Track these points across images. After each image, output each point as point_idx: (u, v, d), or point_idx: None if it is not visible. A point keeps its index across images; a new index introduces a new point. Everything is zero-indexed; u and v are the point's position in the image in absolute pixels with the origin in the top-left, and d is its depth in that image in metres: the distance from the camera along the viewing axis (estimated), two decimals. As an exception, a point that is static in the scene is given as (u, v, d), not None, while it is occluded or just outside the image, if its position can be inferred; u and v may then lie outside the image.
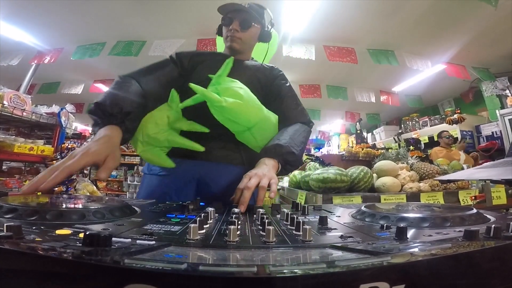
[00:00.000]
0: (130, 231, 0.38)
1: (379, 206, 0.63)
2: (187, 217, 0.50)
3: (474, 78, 4.48)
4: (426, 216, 0.45)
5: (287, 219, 0.47)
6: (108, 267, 0.20)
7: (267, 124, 0.97)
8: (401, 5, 3.10)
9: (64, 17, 3.45)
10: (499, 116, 4.04)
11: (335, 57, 3.74)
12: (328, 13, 3.24)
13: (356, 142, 5.37)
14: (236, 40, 1.07)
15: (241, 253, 0.30)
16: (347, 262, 0.23)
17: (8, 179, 2.33)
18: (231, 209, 0.59)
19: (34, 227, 0.34)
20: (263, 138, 0.95)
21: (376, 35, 3.69)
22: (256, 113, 0.92)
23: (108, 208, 0.47)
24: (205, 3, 3.12)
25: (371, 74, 4.79)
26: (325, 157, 3.04)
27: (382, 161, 1.94)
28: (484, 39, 3.66)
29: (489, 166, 1.28)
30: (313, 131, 6.83)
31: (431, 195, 1.68)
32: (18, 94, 2.40)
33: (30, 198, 0.54)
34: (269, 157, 0.86)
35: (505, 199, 1.51)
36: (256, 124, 0.92)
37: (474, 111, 5.13)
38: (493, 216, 0.51)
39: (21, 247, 0.23)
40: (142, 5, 3.19)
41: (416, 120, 5.80)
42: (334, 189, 1.62)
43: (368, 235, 0.39)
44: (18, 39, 3.80)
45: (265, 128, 0.96)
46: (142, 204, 0.67)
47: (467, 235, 0.32)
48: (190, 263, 0.22)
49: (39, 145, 2.52)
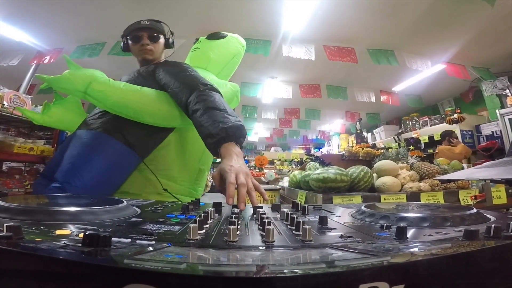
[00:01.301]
0: (130, 231, 0.38)
1: (379, 206, 0.63)
2: (187, 217, 0.50)
3: (474, 77, 4.48)
4: (426, 216, 0.45)
5: (287, 219, 0.47)
6: (108, 267, 0.20)
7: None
8: (401, 5, 3.10)
9: (64, 17, 3.45)
10: (499, 116, 4.04)
11: (335, 57, 3.74)
12: (328, 13, 3.24)
13: (356, 142, 5.38)
14: (148, 52, 1.23)
15: (241, 253, 0.30)
16: (347, 262, 0.23)
17: (8, 179, 2.33)
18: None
19: (34, 227, 0.35)
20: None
21: (376, 35, 3.69)
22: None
23: (108, 208, 0.47)
24: (205, 3, 3.12)
25: (371, 74, 4.78)
26: (325, 157, 3.04)
27: (382, 161, 1.94)
28: (484, 39, 3.65)
29: (489, 166, 1.28)
30: (313, 131, 6.78)
31: (431, 194, 1.68)
32: (18, 94, 2.40)
33: (30, 199, 0.54)
34: (226, 142, 0.82)
35: (505, 198, 1.51)
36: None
37: (474, 110, 5.13)
38: (493, 216, 0.51)
39: (21, 247, 0.23)
40: (142, 5, 3.20)
41: (416, 120, 5.79)
42: (334, 189, 1.63)
43: (368, 235, 0.39)
44: (18, 39, 3.79)
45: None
46: (142, 204, 0.67)
47: (467, 234, 0.32)
48: (190, 263, 0.22)
49: (39, 145, 2.52)
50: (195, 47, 1.41)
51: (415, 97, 5.64)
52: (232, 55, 1.40)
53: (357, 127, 5.39)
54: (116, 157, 1.00)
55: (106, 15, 3.39)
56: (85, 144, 1.01)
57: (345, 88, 5.17)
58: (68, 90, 1.06)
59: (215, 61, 1.34)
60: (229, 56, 1.39)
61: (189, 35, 3.79)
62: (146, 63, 1.25)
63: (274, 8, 3.19)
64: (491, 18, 3.18)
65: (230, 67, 1.42)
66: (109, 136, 1.01)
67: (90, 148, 1.00)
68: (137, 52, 1.25)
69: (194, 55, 1.37)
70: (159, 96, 1.06)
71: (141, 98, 1.03)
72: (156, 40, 1.25)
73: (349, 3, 3.09)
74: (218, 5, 3.18)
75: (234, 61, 1.42)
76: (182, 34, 3.76)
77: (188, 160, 1.15)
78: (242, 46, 1.46)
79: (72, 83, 1.04)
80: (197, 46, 1.40)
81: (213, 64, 1.33)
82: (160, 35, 1.27)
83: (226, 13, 3.33)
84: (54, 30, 3.71)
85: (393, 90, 5.50)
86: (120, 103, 1.02)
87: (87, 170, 0.95)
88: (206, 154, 1.19)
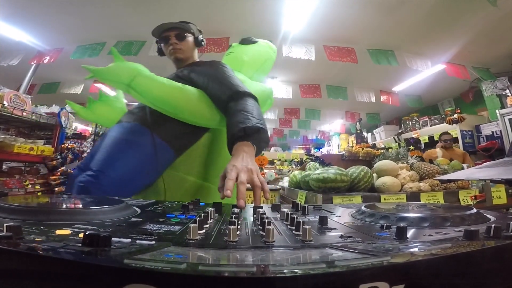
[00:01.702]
0: (130, 231, 0.38)
1: (379, 206, 0.63)
2: (187, 217, 0.50)
3: (474, 78, 4.48)
4: (426, 216, 0.45)
5: (287, 219, 0.47)
6: (108, 267, 0.20)
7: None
8: (401, 5, 3.10)
9: (64, 17, 3.45)
10: (499, 116, 4.04)
11: (335, 57, 3.74)
12: (328, 13, 3.24)
13: (356, 142, 5.38)
14: (177, 51, 1.24)
15: (241, 253, 0.30)
16: (347, 262, 0.23)
17: (8, 179, 2.33)
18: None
19: (34, 227, 0.34)
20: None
21: (376, 35, 3.69)
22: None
23: (108, 208, 0.47)
24: (205, 3, 3.13)
25: (371, 74, 4.78)
26: (325, 157, 3.05)
27: (382, 161, 1.94)
28: (484, 39, 3.65)
29: (489, 166, 1.28)
30: (313, 131, 6.78)
31: (431, 195, 1.68)
32: (18, 94, 2.40)
33: (30, 199, 0.54)
34: (242, 141, 0.82)
35: (505, 198, 1.51)
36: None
37: (474, 111, 5.12)
38: (493, 216, 0.51)
39: (21, 247, 0.23)
40: (142, 5, 3.20)
41: (416, 120, 5.79)
42: (334, 189, 1.63)
43: (368, 235, 0.39)
44: (18, 39, 3.80)
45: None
46: (142, 204, 0.67)
47: (467, 235, 0.32)
48: (190, 263, 0.22)
49: (39, 145, 2.52)
50: (229, 52, 1.46)
51: (415, 97, 5.65)
52: (264, 59, 1.43)
53: (357, 127, 5.39)
54: (151, 150, 0.99)
55: (106, 15, 3.39)
56: (122, 134, 1.02)
57: (345, 88, 5.17)
58: (113, 82, 1.07)
59: (249, 64, 1.37)
60: (261, 60, 1.43)
61: (189, 35, 3.81)
62: (178, 62, 1.27)
63: (274, 8, 3.19)
64: (491, 18, 3.18)
65: (262, 71, 1.45)
66: (146, 128, 1.02)
67: (125, 139, 1.01)
68: (168, 52, 1.26)
69: (228, 59, 1.40)
70: (200, 95, 1.07)
71: (183, 95, 1.05)
72: (184, 38, 1.25)
73: (349, 3, 3.09)
74: (218, 5, 3.18)
75: (266, 66, 1.45)
76: (182, 34, 3.78)
77: (221, 162, 1.12)
78: (273, 51, 1.50)
79: (118, 75, 1.05)
80: (231, 51, 1.45)
81: (247, 67, 1.36)
82: (187, 33, 1.27)
83: (226, 13, 3.34)
84: (54, 30, 3.71)
85: (393, 90, 5.50)
86: (162, 98, 1.03)
87: (122, 161, 0.95)
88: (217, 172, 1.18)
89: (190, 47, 1.29)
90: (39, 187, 2.50)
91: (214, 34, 3.63)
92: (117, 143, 1.00)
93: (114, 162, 0.95)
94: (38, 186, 2.49)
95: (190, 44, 1.29)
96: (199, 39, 1.33)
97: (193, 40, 1.30)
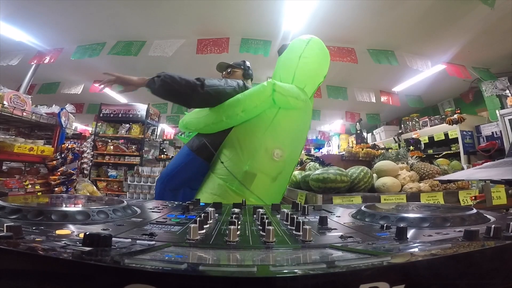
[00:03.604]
0: (130, 231, 0.38)
1: (379, 206, 0.63)
2: (187, 217, 0.50)
3: (474, 78, 4.48)
4: (426, 216, 0.45)
5: (287, 219, 0.47)
6: (108, 267, 0.20)
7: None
8: (401, 5, 3.10)
9: (64, 17, 3.45)
10: (499, 116, 4.04)
11: (335, 57, 3.74)
12: (328, 13, 3.24)
13: (356, 142, 5.37)
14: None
15: (241, 253, 0.30)
16: (347, 262, 0.23)
17: (8, 179, 2.33)
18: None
19: (34, 227, 0.34)
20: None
21: (376, 35, 3.69)
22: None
23: (108, 208, 0.47)
24: (205, 3, 3.12)
25: (371, 74, 4.78)
26: (325, 157, 3.04)
27: (382, 161, 1.94)
28: (484, 39, 3.65)
29: (489, 166, 1.28)
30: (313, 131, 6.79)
31: (431, 195, 1.68)
32: (18, 94, 2.40)
33: (31, 199, 0.54)
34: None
35: (505, 199, 1.51)
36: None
37: (474, 111, 5.12)
38: (493, 216, 0.51)
39: (21, 247, 0.23)
40: (142, 5, 3.19)
41: (416, 120, 5.79)
42: (334, 189, 1.62)
43: (368, 235, 0.39)
44: (18, 39, 3.80)
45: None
46: (142, 204, 0.67)
47: (467, 235, 0.32)
48: (190, 263, 0.22)
49: (39, 145, 2.52)
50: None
51: (415, 98, 5.64)
52: (297, 57, 1.49)
53: (357, 128, 5.38)
54: (185, 160, 1.44)
55: (106, 15, 3.39)
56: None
57: (345, 88, 5.17)
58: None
59: (282, 74, 1.51)
60: (294, 59, 1.50)
61: (189, 35, 3.81)
62: None
63: (274, 8, 3.19)
64: (491, 18, 3.18)
65: (303, 68, 1.49)
66: (187, 148, 1.46)
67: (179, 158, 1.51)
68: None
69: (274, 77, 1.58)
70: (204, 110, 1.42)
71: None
72: (232, 74, 1.70)
73: (349, 3, 3.09)
74: (218, 5, 3.18)
75: (304, 62, 1.49)
76: (182, 34, 3.77)
77: (237, 162, 1.34)
78: (305, 43, 1.54)
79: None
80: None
81: (282, 74, 1.51)
82: (235, 69, 1.71)
83: (226, 13, 3.34)
84: (54, 30, 3.72)
85: (393, 91, 5.50)
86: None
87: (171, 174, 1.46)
88: (258, 158, 1.34)
89: (238, 78, 1.61)
90: (39, 187, 2.49)
91: (214, 34, 3.63)
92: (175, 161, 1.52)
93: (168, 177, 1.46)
94: (38, 186, 2.49)
95: (238, 76, 1.68)
96: (246, 72, 1.71)
97: (241, 74, 1.70)
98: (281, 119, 1.39)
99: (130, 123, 5.17)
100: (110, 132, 5.20)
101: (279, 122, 1.38)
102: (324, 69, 1.58)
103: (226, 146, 1.38)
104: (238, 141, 1.35)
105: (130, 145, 5.12)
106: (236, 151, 1.34)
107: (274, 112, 1.38)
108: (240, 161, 1.32)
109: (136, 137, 5.10)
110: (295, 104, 1.42)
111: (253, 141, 1.35)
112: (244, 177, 1.31)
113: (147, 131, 5.16)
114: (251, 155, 1.33)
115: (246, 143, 1.35)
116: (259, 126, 1.36)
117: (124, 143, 5.14)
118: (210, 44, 3.62)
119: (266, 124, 1.36)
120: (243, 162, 1.32)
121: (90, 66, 4.57)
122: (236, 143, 1.35)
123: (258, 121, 1.36)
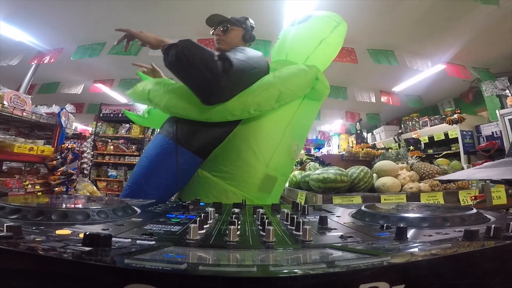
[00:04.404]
0: (130, 231, 0.38)
1: (379, 206, 0.63)
2: (187, 217, 0.50)
3: (474, 78, 4.47)
4: (426, 216, 0.45)
5: (287, 219, 0.47)
6: (108, 267, 0.20)
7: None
8: (401, 5, 3.10)
9: (64, 17, 3.45)
10: (499, 116, 4.04)
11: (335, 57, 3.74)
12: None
13: (356, 142, 5.37)
14: (220, 42, 1.30)
15: (241, 253, 0.30)
16: (347, 262, 0.23)
17: (8, 179, 2.33)
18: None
19: (34, 227, 0.34)
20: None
21: (376, 35, 3.69)
22: None
23: (108, 208, 0.47)
24: (205, 3, 3.12)
25: (371, 74, 4.78)
26: (325, 157, 3.04)
27: (382, 161, 1.94)
28: (484, 39, 3.65)
29: (489, 166, 1.28)
30: (313, 131, 6.79)
31: (431, 195, 1.68)
32: (18, 94, 2.39)
33: (31, 199, 0.54)
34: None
35: (505, 199, 1.51)
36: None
37: (474, 111, 5.12)
38: (493, 216, 0.51)
39: (21, 247, 0.23)
40: (142, 5, 3.19)
41: (416, 120, 5.79)
42: (334, 189, 1.62)
43: (368, 235, 0.39)
44: (18, 39, 3.79)
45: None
46: (142, 204, 0.67)
47: (467, 235, 0.32)
48: (190, 263, 0.22)
49: (39, 145, 2.52)
50: (278, 37, 1.35)
51: (415, 98, 5.64)
52: (319, 39, 1.24)
53: (357, 128, 5.38)
54: (166, 152, 1.05)
55: (106, 15, 3.39)
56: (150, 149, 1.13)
57: (345, 88, 5.17)
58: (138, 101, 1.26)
59: (294, 51, 1.25)
60: (314, 40, 1.24)
61: (189, 35, 3.80)
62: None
63: (274, 8, 3.19)
64: (491, 18, 3.18)
65: (319, 55, 1.27)
66: (161, 135, 1.12)
67: (148, 148, 1.14)
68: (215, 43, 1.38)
69: (274, 48, 1.33)
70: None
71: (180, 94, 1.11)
72: (228, 31, 1.31)
73: (349, 3, 3.09)
74: (218, 5, 3.18)
75: (323, 49, 1.26)
76: (182, 34, 3.77)
77: (253, 163, 1.06)
78: (332, 26, 1.30)
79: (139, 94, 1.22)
80: (279, 36, 1.34)
81: (293, 50, 1.26)
82: (234, 27, 1.32)
83: (226, 13, 3.32)
84: (54, 30, 3.71)
85: (393, 91, 5.50)
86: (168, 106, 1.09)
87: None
88: (279, 158, 1.10)
89: (235, 40, 1.28)
90: (39, 187, 2.49)
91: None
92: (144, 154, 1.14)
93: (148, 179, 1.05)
94: (38, 186, 2.48)
95: (236, 37, 1.28)
96: (248, 34, 1.32)
97: (241, 34, 1.30)
98: (303, 110, 1.17)
99: (130, 123, 5.17)
100: (110, 132, 5.20)
101: (302, 114, 1.16)
102: (330, 61, 1.40)
103: (234, 144, 1.05)
104: (255, 138, 1.05)
105: (130, 145, 5.12)
106: (252, 150, 1.04)
107: (298, 103, 1.13)
108: (257, 163, 1.05)
109: (136, 137, 5.10)
110: (326, 94, 1.22)
111: (274, 137, 1.08)
112: (264, 182, 1.06)
113: (147, 131, 5.16)
114: (271, 154, 1.07)
115: (266, 140, 1.07)
116: (282, 119, 1.09)
117: (124, 143, 5.14)
118: (210, 44, 3.62)
119: (289, 117, 1.11)
120: (261, 163, 1.05)
121: (90, 66, 4.57)
122: (253, 140, 1.05)
123: (282, 113, 1.09)
